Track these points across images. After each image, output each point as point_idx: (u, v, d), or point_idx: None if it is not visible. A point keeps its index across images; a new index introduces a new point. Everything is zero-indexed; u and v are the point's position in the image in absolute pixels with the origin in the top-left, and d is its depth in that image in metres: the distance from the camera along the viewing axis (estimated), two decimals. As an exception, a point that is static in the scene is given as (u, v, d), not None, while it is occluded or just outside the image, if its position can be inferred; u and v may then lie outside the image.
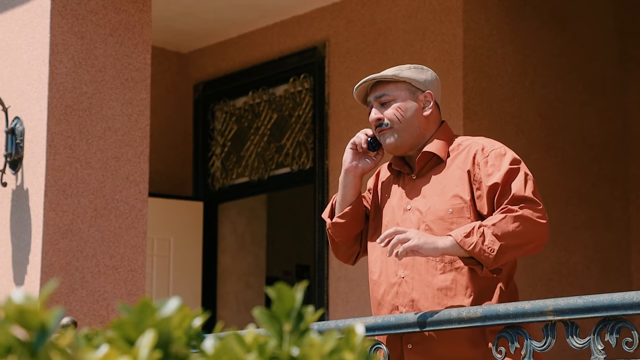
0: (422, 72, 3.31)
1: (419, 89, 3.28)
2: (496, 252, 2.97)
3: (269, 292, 1.20)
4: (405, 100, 3.26)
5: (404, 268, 3.19)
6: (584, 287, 6.13)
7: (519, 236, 3.00)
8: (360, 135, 3.32)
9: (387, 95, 3.26)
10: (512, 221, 3.00)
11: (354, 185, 3.31)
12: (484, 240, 2.97)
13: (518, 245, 3.02)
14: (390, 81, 3.27)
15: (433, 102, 3.28)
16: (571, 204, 6.19)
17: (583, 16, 6.37)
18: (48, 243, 4.58)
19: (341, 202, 3.32)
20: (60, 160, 4.64)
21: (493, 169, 3.12)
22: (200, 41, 7.21)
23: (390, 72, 3.28)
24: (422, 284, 3.15)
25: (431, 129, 3.28)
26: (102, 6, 4.82)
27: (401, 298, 3.18)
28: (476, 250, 2.97)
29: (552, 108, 6.20)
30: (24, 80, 4.78)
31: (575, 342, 2.75)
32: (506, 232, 2.99)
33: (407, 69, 3.29)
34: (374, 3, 6.31)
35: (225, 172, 7.21)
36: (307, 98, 6.70)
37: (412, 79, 3.27)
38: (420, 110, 3.26)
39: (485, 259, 2.98)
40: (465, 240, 2.97)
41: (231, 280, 7.24)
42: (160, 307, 1.05)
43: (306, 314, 1.18)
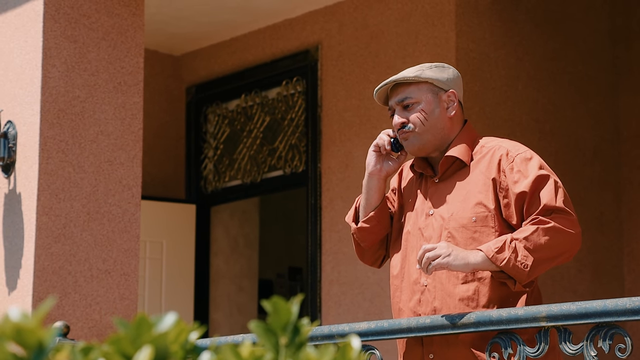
0: (444, 70, 3.19)
1: (441, 88, 3.16)
2: (530, 267, 2.91)
3: (266, 305, 1.20)
4: (429, 102, 3.14)
5: (427, 276, 3.11)
6: (576, 290, 6.15)
7: (552, 249, 2.94)
8: (383, 137, 3.21)
9: (409, 98, 3.14)
10: (544, 234, 2.93)
11: (379, 188, 3.22)
12: (516, 255, 2.90)
13: (551, 258, 2.96)
14: (411, 83, 3.16)
15: (457, 101, 3.16)
16: (563, 207, 6.20)
17: (575, 20, 6.38)
18: (41, 247, 4.57)
19: (365, 206, 3.23)
20: (53, 164, 4.64)
21: (519, 176, 3.03)
22: (193, 44, 7.21)
23: (412, 73, 3.16)
24: (444, 294, 3.08)
25: (455, 129, 3.16)
26: (94, 10, 4.82)
27: (424, 306, 3.11)
28: (509, 265, 2.90)
29: (544, 111, 6.21)
30: (16, 84, 4.78)
31: (568, 348, 2.76)
32: (538, 246, 2.92)
33: (428, 68, 3.17)
34: (367, 6, 6.31)
35: (218, 174, 7.20)
36: (300, 101, 6.70)
37: (435, 79, 3.15)
38: (444, 111, 3.15)
39: (518, 274, 2.92)
40: (497, 256, 2.91)
41: (224, 283, 7.24)
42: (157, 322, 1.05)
43: (302, 327, 1.18)
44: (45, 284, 4.56)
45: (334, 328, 3.20)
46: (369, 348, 3.13)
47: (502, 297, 3.05)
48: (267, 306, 1.19)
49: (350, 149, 6.24)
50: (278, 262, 9.25)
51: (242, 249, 7.36)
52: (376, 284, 5.99)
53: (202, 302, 7.10)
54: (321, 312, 6.31)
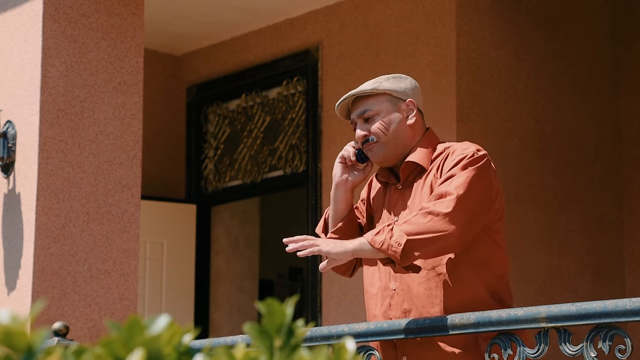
0: (401, 80, 3.26)
1: (400, 98, 3.23)
2: (403, 246, 2.92)
3: (260, 307, 1.19)
4: (388, 112, 3.21)
5: (395, 280, 3.18)
6: (577, 290, 6.14)
7: (429, 231, 2.95)
8: (347, 149, 3.27)
9: (369, 110, 3.21)
10: (423, 216, 2.96)
11: (346, 199, 3.27)
12: (392, 236, 2.94)
13: (427, 241, 2.95)
14: (370, 95, 3.22)
15: (416, 109, 3.23)
16: (564, 207, 6.19)
17: (576, 20, 6.37)
18: (40, 247, 4.56)
19: (334, 217, 3.28)
20: (52, 164, 4.63)
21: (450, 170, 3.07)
22: (193, 44, 7.20)
23: (369, 86, 3.23)
24: (411, 295, 3.14)
25: (416, 137, 3.23)
26: (94, 10, 4.81)
27: (394, 310, 3.17)
28: (384, 247, 2.94)
29: (545, 111, 6.20)
30: (16, 83, 4.77)
31: (568, 349, 2.75)
32: (414, 227, 2.94)
33: (385, 80, 3.24)
34: (368, 6, 6.30)
35: (219, 174, 7.19)
36: (300, 101, 6.69)
37: (392, 90, 3.22)
38: (405, 120, 3.22)
39: (392, 254, 2.94)
40: (375, 238, 2.96)
41: (224, 283, 7.23)
42: (150, 324, 1.04)
43: (297, 329, 1.17)
44: (45, 284, 4.55)
45: (333, 329, 3.19)
46: (369, 349, 3.13)
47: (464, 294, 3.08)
48: (261, 308, 1.18)
49: (351, 149, 6.22)
50: (279, 262, 9.23)
51: (242, 249, 7.36)
52: (376, 284, 5.98)
53: (202, 302, 7.10)
54: (322, 312, 6.30)
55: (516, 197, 5.97)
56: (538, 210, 6.08)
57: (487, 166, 3.10)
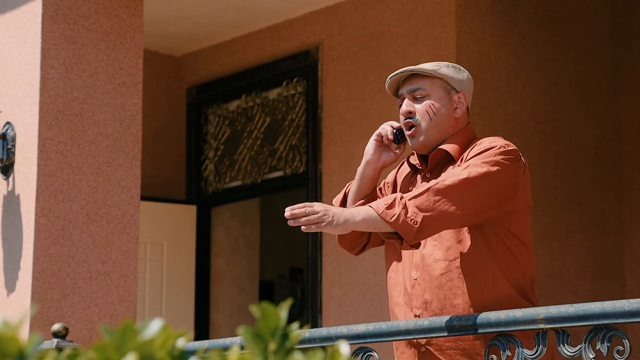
0: (460, 72, 3.22)
1: (454, 88, 3.18)
2: (419, 224, 2.90)
3: (254, 310, 1.19)
4: (440, 97, 3.15)
5: (416, 269, 3.14)
6: (577, 291, 6.13)
7: (440, 209, 2.93)
8: (386, 127, 3.21)
9: (422, 90, 3.15)
10: (434, 194, 2.94)
11: (372, 177, 3.22)
12: (406, 212, 2.90)
13: (440, 219, 2.93)
14: (427, 76, 3.17)
15: (466, 104, 3.19)
16: (564, 207, 6.19)
17: (576, 20, 6.37)
18: (39, 249, 4.56)
19: (356, 193, 3.22)
20: (51, 166, 4.63)
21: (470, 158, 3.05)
22: (193, 44, 7.20)
23: (429, 67, 3.17)
24: (432, 285, 3.10)
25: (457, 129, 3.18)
26: (93, 11, 4.81)
27: (415, 300, 3.14)
28: (399, 222, 2.89)
29: (545, 112, 6.19)
30: (15, 85, 4.77)
31: (566, 351, 2.75)
32: (428, 205, 2.91)
33: (445, 66, 3.20)
34: (367, 7, 6.30)
35: (219, 175, 7.19)
36: (300, 102, 6.69)
37: (450, 78, 3.17)
38: (452, 111, 3.17)
39: (407, 231, 2.90)
40: (387, 211, 2.89)
41: (224, 284, 7.23)
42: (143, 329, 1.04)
43: (291, 333, 1.17)
44: (44, 285, 4.55)
45: (332, 330, 3.19)
46: (367, 350, 3.13)
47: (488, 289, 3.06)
48: (255, 311, 1.18)
49: (351, 149, 6.22)
50: (279, 263, 9.24)
51: (242, 249, 7.35)
52: (377, 285, 5.98)
53: (202, 303, 7.09)
54: (322, 313, 6.30)
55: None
56: (538, 210, 6.07)
57: (513, 160, 3.07)
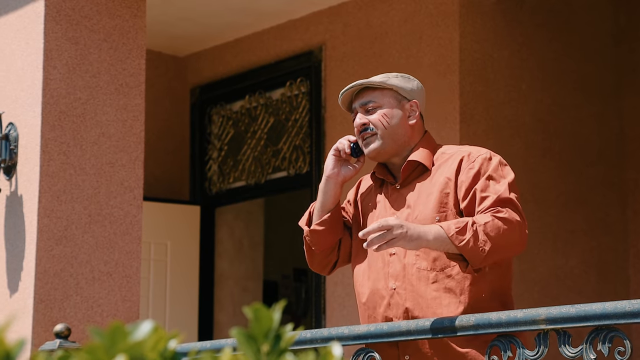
0: (409, 81, 3.30)
1: (405, 97, 3.27)
2: (487, 252, 2.96)
3: (247, 312, 1.19)
4: (391, 107, 3.24)
5: (395, 279, 3.16)
6: (581, 291, 6.12)
7: (505, 238, 3.00)
8: (342, 141, 3.29)
9: (373, 102, 3.24)
10: (501, 222, 3.00)
11: (334, 192, 3.28)
12: (476, 239, 2.95)
13: (504, 247, 3.01)
14: (376, 88, 3.26)
15: (418, 111, 3.28)
16: (568, 208, 6.18)
17: (579, 20, 6.36)
18: (42, 249, 4.56)
19: (320, 210, 3.28)
20: (54, 166, 4.63)
21: (479, 173, 3.12)
22: (197, 45, 7.20)
23: (378, 79, 3.27)
24: (415, 294, 3.13)
25: (415, 138, 3.27)
26: (96, 11, 4.81)
27: (394, 309, 3.16)
28: (468, 247, 2.95)
29: (548, 112, 6.19)
30: (17, 86, 4.77)
31: (567, 351, 2.74)
32: (496, 233, 2.98)
33: (394, 77, 3.28)
34: (371, 7, 6.30)
35: (222, 176, 7.19)
36: (304, 102, 6.69)
37: (399, 87, 3.26)
38: (405, 119, 3.25)
39: (474, 257, 2.97)
40: (458, 236, 2.95)
41: (228, 284, 7.23)
42: (133, 330, 1.04)
43: (284, 334, 1.17)
44: (47, 286, 4.55)
45: (334, 331, 3.19)
46: (369, 351, 3.12)
47: (473, 296, 3.10)
48: (248, 313, 1.18)
49: (354, 150, 6.22)
50: (283, 263, 9.23)
51: (246, 250, 7.35)
52: (380, 285, 5.97)
53: (206, 303, 7.09)
54: (325, 313, 6.30)
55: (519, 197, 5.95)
56: (542, 210, 6.07)
57: None
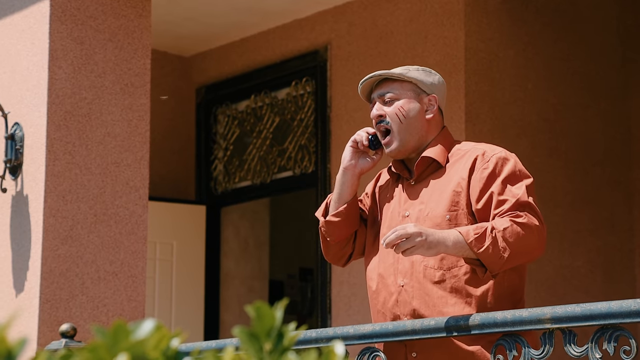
0: (430, 75, 3.26)
1: (424, 91, 3.22)
2: (506, 259, 2.93)
3: (249, 310, 1.18)
4: (409, 100, 3.20)
5: (403, 276, 3.14)
6: (588, 291, 6.11)
7: (525, 244, 2.97)
8: (361, 133, 3.25)
9: (391, 94, 3.20)
10: (520, 228, 2.96)
11: (351, 184, 3.25)
12: (495, 245, 2.92)
13: (523, 252, 2.98)
14: (396, 80, 3.22)
15: (437, 106, 3.23)
16: (574, 207, 6.17)
17: (585, 19, 6.35)
18: (48, 249, 4.56)
19: (337, 201, 3.26)
20: (59, 166, 4.63)
21: (494, 173, 3.08)
22: (202, 45, 7.20)
23: (398, 71, 3.23)
24: (422, 292, 3.11)
25: (432, 133, 3.22)
26: (101, 11, 4.81)
27: (402, 307, 3.13)
28: (487, 254, 2.92)
29: (554, 111, 6.18)
30: (23, 86, 4.77)
31: (573, 350, 2.74)
32: (515, 239, 2.94)
33: (414, 69, 3.24)
34: (376, 6, 6.29)
35: (228, 175, 7.20)
36: (309, 101, 6.69)
37: (419, 80, 3.22)
38: (423, 113, 3.21)
39: (493, 264, 2.94)
40: (477, 243, 2.92)
41: (234, 284, 7.23)
42: (135, 329, 1.04)
43: (286, 333, 1.17)
44: (52, 286, 4.56)
45: (339, 330, 3.18)
46: (374, 350, 3.12)
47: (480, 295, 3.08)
48: (250, 311, 1.18)
49: (360, 149, 6.21)
50: (289, 263, 9.23)
51: (252, 249, 7.35)
52: (386, 285, 5.97)
53: (212, 303, 7.10)
54: (331, 313, 6.29)
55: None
56: (548, 210, 6.05)
57: None
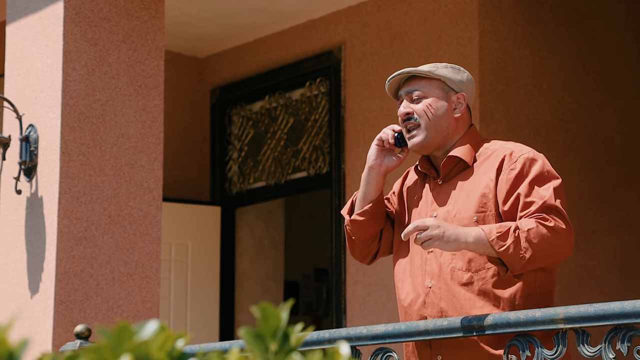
0: (458, 72, 3.22)
1: (452, 89, 3.18)
2: (527, 260, 2.90)
3: (255, 311, 1.18)
4: (437, 98, 3.16)
5: (431, 278, 3.11)
6: (604, 291, 6.08)
7: (549, 247, 2.93)
8: (387, 131, 3.22)
9: (419, 91, 3.16)
10: (545, 230, 2.92)
11: (377, 182, 3.22)
12: (517, 245, 2.89)
13: (546, 255, 2.95)
14: (424, 77, 3.17)
15: (465, 104, 3.19)
16: (590, 207, 6.14)
17: (600, 17, 6.32)
18: (62, 250, 4.58)
19: (362, 200, 3.22)
20: (74, 168, 4.65)
21: (521, 175, 3.04)
22: (216, 46, 7.21)
23: (426, 68, 3.18)
24: (450, 294, 3.08)
25: (459, 131, 3.18)
26: (115, 13, 4.82)
27: (429, 308, 3.11)
28: (508, 253, 2.89)
29: (570, 110, 6.15)
30: (37, 87, 4.79)
31: (586, 351, 2.72)
32: (539, 241, 2.91)
33: (443, 67, 3.20)
34: (390, 6, 6.29)
35: (243, 176, 7.20)
36: (324, 102, 6.68)
37: (447, 78, 3.17)
38: (451, 111, 3.17)
39: (514, 263, 2.91)
40: (499, 241, 2.89)
41: (249, 284, 7.24)
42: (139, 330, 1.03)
43: (292, 333, 1.16)
44: (67, 287, 4.57)
45: (352, 331, 3.17)
46: (387, 351, 3.11)
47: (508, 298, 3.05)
48: (256, 312, 1.18)
49: (374, 149, 6.21)
50: (304, 263, 9.23)
51: (267, 250, 7.36)
52: (400, 285, 5.96)
53: (227, 303, 7.10)
54: (346, 313, 6.29)
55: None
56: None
57: None
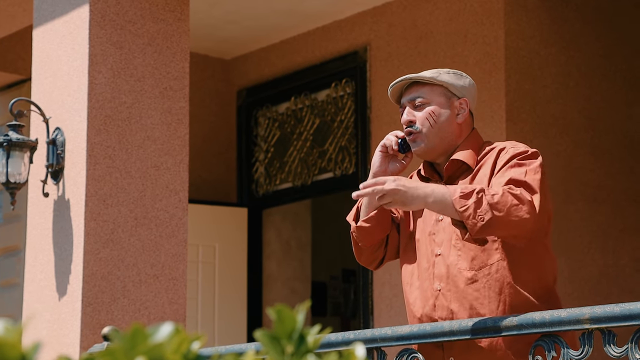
0: (460, 78, 3.22)
1: (454, 94, 3.19)
2: (485, 222, 2.87)
3: (270, 313, 1.18)
4: (440, 104, 3.17)
5: (439, 281, 3.12)
6: (633, 290, 6.04)
7: (510, 214, 2.90)
8: (390, 137, 3.21)
9: (421, 98, 3.16)
10: (511, 198, 2.90)
11: None
12: (478, 206, 2.87)
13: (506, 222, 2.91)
14: (426, 83, 3.18)
15: (468, 109, 3.20)
16: (618, 206, 6.10)
17: (626, 15, 6.28)
18: (89, 252, 4.60)
19: (367, 206, 3.21)
20: (100, 170, 4.67)
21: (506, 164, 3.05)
22: (242, 47, 7.23)
23: (428, 75, 3.19)
24: (458, 295, 3.09)
25: (462, 136, 3.20)
26: (140, 16, 4.84)
27: (439, 311, 3.12)
28: (467, 213, 2.88)
29: (597, 109, 6.12)
30: (64, 91, 4.82)
31: (612, 351, 2.70)
32: (502, 207, 2.89)
33: (445, 73, 3.20)
34: (415, 6, 6.27)
35: (269, 177, 7.21)
36: (349, 103, 6.68)
37: (450, 84, 3.18)
38: (454, 117, 3.18)
39: (471, 225, 2.89)
40: (461, 199, 2.88)
41: (276, 286, 7.24)
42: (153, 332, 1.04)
43: (308, 335, 1.16)
44: (94, 289, 4.59)
45: (377, 332, 3.17)
46: (412, 352, 3.10)
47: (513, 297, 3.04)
48: (271, 314, 1.17)
49: (400, 150, 6.20)
50: (331, 264, 9.22)
51: (294, 251, 7.36)
52: (428, 285, 5.95)
53: (255, 305, 7.11)
54: (373, 314, 6.28)
55: (568, 196, 5.90)
56: (591, 209, 6.00)
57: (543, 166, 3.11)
